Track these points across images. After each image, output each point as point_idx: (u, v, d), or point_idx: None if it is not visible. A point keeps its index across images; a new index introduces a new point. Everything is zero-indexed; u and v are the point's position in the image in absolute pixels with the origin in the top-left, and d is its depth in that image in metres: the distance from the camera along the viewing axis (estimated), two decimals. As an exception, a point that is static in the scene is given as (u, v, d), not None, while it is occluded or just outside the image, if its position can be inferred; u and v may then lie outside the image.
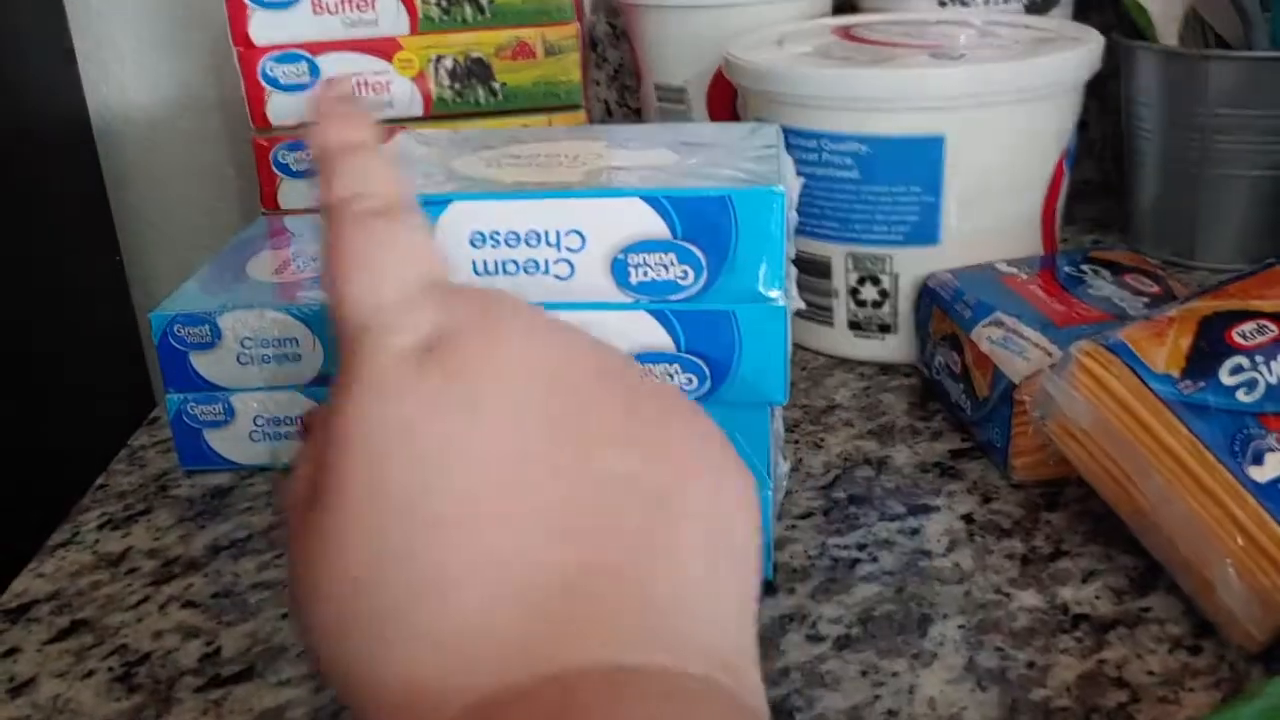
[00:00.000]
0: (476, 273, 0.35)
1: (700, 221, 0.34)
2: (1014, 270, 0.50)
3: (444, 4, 0.65)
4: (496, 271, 0.35)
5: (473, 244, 0.35)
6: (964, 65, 0.50)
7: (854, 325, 0.55)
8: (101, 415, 0.76)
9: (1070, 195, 0.57)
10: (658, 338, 0.36)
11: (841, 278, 0.54)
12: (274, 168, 0.67)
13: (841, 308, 0.54)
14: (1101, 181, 0.78)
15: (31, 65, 0.77)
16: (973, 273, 0.51)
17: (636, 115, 0.81)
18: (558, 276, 0.35)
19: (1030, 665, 0.36)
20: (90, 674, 0.39)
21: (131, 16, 0.84)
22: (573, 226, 0.35)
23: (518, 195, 0.35)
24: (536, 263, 0.35)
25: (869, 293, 0.54)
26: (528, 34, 0.66)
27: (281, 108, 0.67)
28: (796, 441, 0.49)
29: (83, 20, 0.83)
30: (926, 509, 0.44)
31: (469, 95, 0.67)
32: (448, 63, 0.66)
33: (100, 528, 0.47)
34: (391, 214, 0.24)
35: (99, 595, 0.43)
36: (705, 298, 0.35)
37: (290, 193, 0.68)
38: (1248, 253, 0.63)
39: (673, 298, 0.35)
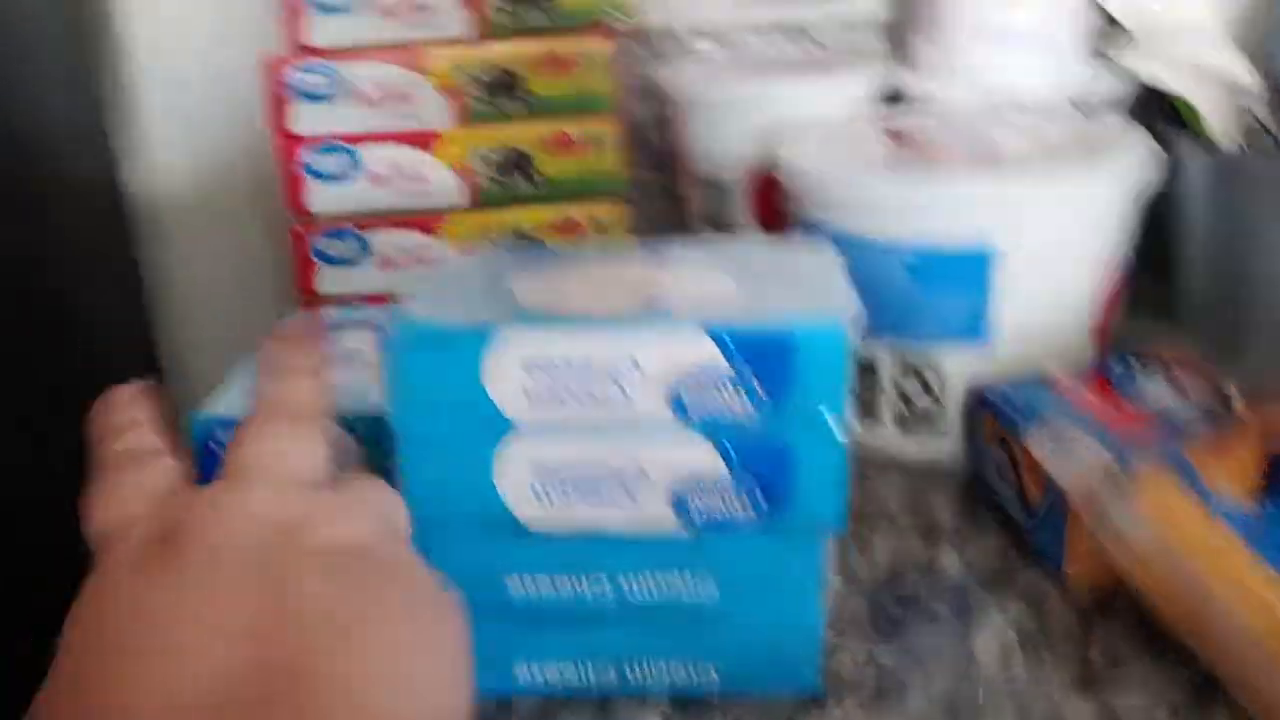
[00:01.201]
0: (530, 400, 0.35)
1: (762, 356, 0.34)
2: (1066, 377, 0.50)
3: (485, 97, 0.66)
4: (551, 399, 0.35)
5: (526, 372, 0.35)
6: (1014, 179, 0.50)
7: (901, 424, 0.54)
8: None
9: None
10: (714, 467, 0.35)
11: (888, 376, 0.53)
12: (312, 255, 0.68)
13: (889, 406, 0.54)
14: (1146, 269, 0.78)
15: (62, 137, 0.78)
16: (1022, 382, 0.50)
17: (676, 200, 0.81)
18: (615, 405, 0.35)
19: (1097, 799, 0.35)
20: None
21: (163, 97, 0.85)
22: (631, 357, 0.35)
23: (572, 324, 0.35)
24: (590, 391, 0.35)
25: (913, 388, 0.53)
26: (569, 126, 0.66)
27: (320, 197, 0.67)
28: (842, 542, 0.49)
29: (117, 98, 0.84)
30: (977, 616, 0.43)
31: (509, 186, 0.67)
32: (489, 155, 0.67)
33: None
34: (134, 454, 0.31)
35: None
36: (763, 429, 0.35)
37: (327, 279, 0.69)
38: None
39: (729, 428, 0.35)
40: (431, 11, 0.66)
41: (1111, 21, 0.65)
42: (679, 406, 0.35)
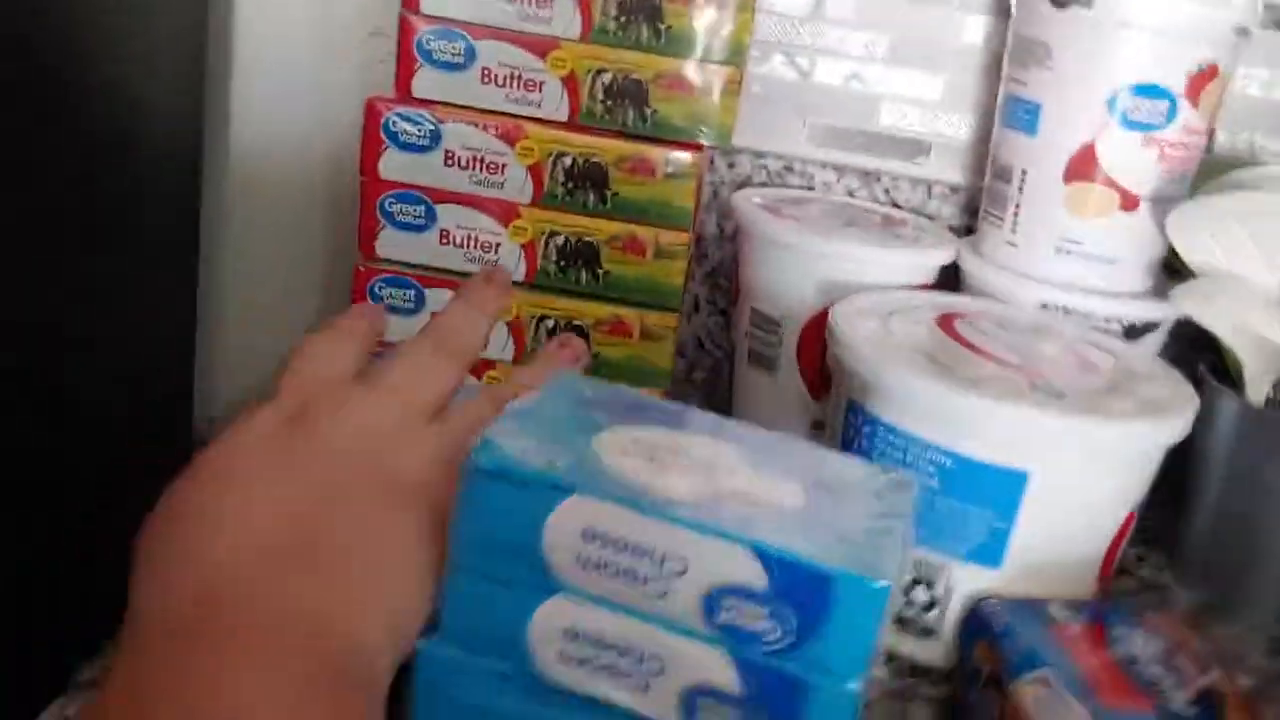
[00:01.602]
0: (579, 564, 0.36)
1: (800, 587, 0.35)
2: (1065, 617, 0.51)
3: (569, 185, 0.67)
4: (596, 569, 0.36)
5: (583, 538, 0.36)
6: (1062, 415, 0.51)
7: (901, 622, 0.55)
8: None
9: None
10: (727, 679, 0.36)
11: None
12: (369, 297, 0.69)
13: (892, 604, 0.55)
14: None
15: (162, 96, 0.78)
16: (1024, 609, 0.51)
17: (725, 317, 0.82)
18: (652, 593, 0.36)
19: None
20: None
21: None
22: (680, 553, 0.36)
23: (638, 506, 0.36)
24: (636, 574, 0.36)
25: (920, 595, 0.54)
26: (643, 232, 0.67)
27: (391, 243, 0.68)
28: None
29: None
30: None
31: (571, 274, 0.68)
32: (559, 240, 0.68)
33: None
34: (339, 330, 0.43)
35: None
36: (786, 657, 0.36)
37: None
38: (1286, 618, 0.64)
39: (754, 648, 0.36)
40: (535, 91, 0.67)
41: (1176, 257, 0.67)
42: (711, 612, 0.36)
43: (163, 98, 0.77)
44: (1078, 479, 0.52)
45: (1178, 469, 0.73)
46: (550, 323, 0.68)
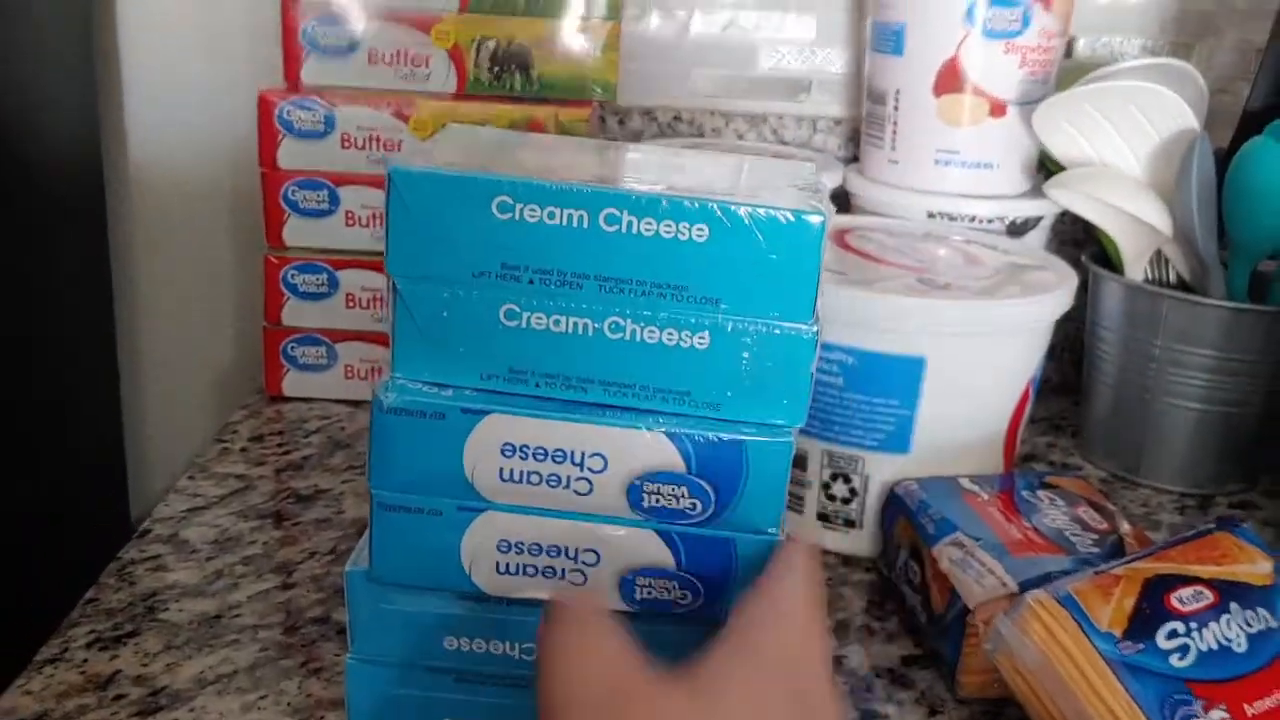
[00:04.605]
0: (503, 479, 0.38)
1: (715, 462, 0.38)
2: (976, 489, 0.54)
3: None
4: (521, 480, 0.38)
5: (503, 453, 0.38)
6: (949, 299, 0.54)
7: (822, 517, 0.58)
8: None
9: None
10: (660, 556, 0.39)
11: (817, 472, 0.58)
12: (282, 286, 0.70)
13: (813, 499, 0.58)
14: (1060, 382, 0.84)
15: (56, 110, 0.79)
16: (938, 485, 0.55)
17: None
18: (577, 492, 0.38)
19: None
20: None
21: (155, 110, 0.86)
22: (598, 449, 0.38)
23: (551, 414, 0.38)
24: (559, 477, 0.38)
25: (840, 489, 0.57)
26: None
27: (298, 230, 0.70)
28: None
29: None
30: (875, 715, 0.47)
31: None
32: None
33: (89, 646, 0.49)
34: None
35: (89, 722, 0.44)
36: (709, 526, 0.38)
37: (294, 313, 0.71)
38: (1189, 478, 0.68)
39: (679, 523, 0.38)
40: (422, 66, 0.69)
41: (1049, 157, 0.71)
42: (636, 499, 0.38)
43: (59, 117, 0.78)
44: (970, 359, 0.55)
45: (1076, 354, 0.78)
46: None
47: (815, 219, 0.36)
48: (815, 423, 0.57)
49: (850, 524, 0.58)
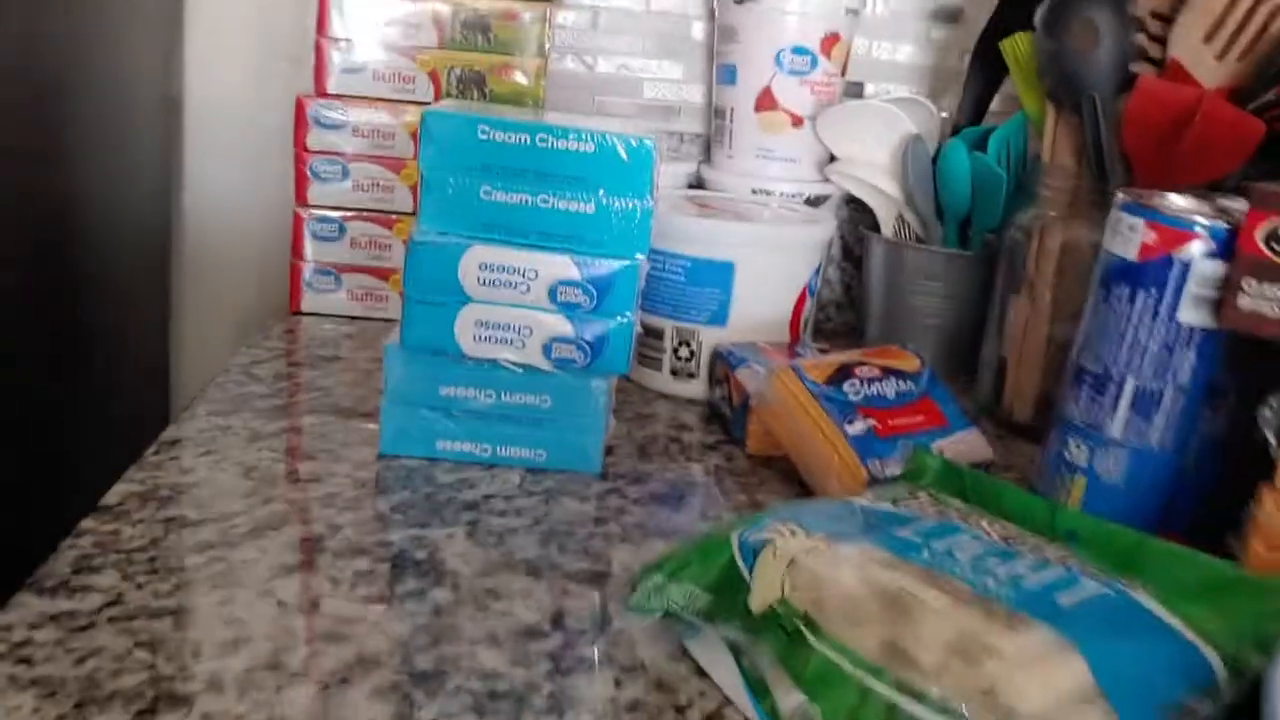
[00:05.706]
0: (480, 285, 0.70)
1: (597, 276, 0.69)
2: (769, 346, 0.87)
3: (439, 143, 1.01)
4: (489, 285, 0.70)
5: (480, 270, 0.69)
6: (749, 225, 0.87)
7: (674, 372, 0.90)
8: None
9: (823, 314, 0.94)
10: (567, 330, 0.70)
11: (669, 341, 0.89)
12: (305, 231, 1.01)
13: (667, 360, 0.90)
14: (843, 323, 1.17)
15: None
16: (744, 346, 0.87)
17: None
18: (520, 292, 0.70)
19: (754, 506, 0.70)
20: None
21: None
22: (533, 268, 0.69)
23: (508, 246, 0.69)
24: (511, 284, 0.70)
25: (684, 352, 0.89)
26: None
27: (318, 193, 1.01)
28: (629, 419, 0.84)
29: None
30: (697, 458, 0.79)
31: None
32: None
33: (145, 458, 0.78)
34: None
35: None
36: (594, 314, 0.70)
37: (312, 250, 1.01)
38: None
39: (578, 312, 0.70)
40: (409, 83, 1.01)
41: (832, 155, 1.05)
42: (554, 297, 0.70)
43: (136, 189, 1.08)
44: (765, 265, 0.88)
45: (853, 300, 1.11)
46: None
47: (650, 140, 0.69)
48: (666, 307, 0.89)
49: (691, 376, 0.90)
